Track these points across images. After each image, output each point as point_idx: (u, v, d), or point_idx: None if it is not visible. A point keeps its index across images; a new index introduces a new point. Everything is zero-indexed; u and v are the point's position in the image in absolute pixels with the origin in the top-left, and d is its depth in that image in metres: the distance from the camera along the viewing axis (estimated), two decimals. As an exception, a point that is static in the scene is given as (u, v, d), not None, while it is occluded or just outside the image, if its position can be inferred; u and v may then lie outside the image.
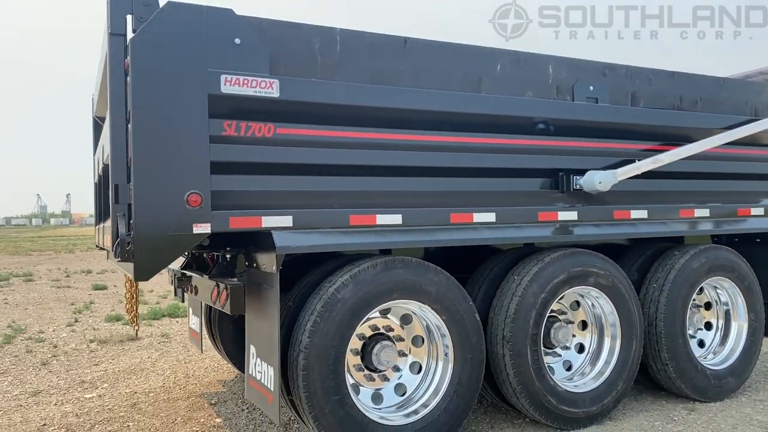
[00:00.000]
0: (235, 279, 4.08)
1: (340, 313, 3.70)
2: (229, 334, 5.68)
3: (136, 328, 4.56)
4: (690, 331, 5.36)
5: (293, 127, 3.73)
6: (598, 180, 4.52)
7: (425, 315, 4.09)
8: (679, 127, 5.01)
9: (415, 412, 4.02)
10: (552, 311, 4.78)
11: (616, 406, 4.72)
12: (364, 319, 3.84)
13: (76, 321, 9.61)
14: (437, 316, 4.04)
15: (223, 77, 3.48)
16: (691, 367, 4.98)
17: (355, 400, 3.80)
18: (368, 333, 4.12)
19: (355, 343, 4.05)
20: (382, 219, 3.93)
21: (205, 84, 3.44)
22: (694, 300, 5.40)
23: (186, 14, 3.42)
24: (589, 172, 4.58)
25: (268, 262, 3.68)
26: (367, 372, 4.10)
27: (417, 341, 4.23)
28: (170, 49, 3.37)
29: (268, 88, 3.60)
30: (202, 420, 4.84)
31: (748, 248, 5.84)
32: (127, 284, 4.45)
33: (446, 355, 4.11)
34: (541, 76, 4.57)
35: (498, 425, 4.62)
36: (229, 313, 3.85)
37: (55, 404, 5.32)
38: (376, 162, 3.93)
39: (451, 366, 4.09)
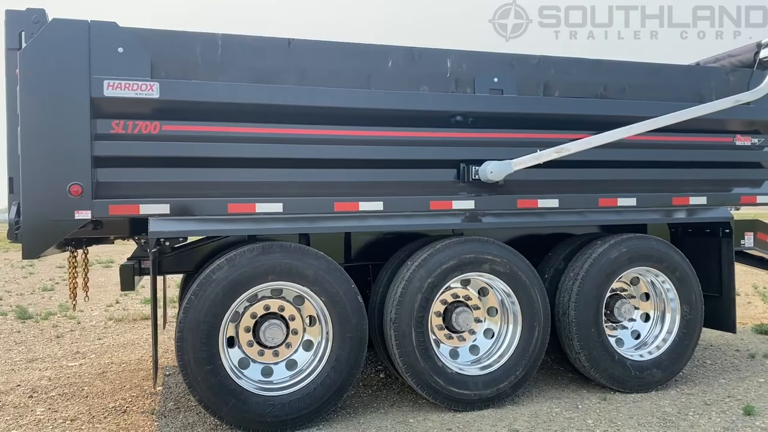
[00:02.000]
0: (130, 260, 4.59)
1: (214, 292, 4.11)
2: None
3: (74, 303, 5.17)
4: (623, 322, 5.34)
5: (178, 124, 4.18)
6: (490, 170, 4.63)
7: (312, 296, 4.41)
8: (590, 116, 5.00)
9: (295, 384, 4.36)
10: (458, 297, 4.94)
11: (516, 391, 4.81)
12: (241, 298, 4.22)
13: (117, 302, 10.61)
14: (317, 297, 4.35)
15: (105, 82, 3.97)
16: (605, 356, 4.96)
17: (229, 371, 4.19)
18: (261, 312, 4.48)
19: (246, 321, 4.44)
20: (262, 207, 4.29)
21: (88, 89, 3.94)
22: (625, 291, 5.37)
23: (70, 29, 3.94)
24: (485, 162, 4.70)
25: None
26: (259, 348, 4.47)
27: (312, 321, 4.55)
28: (55, 60, 3.90)
29: (149, 90, 4.05)
30: (146, 387, 5.41)
31: (696, 239, 5.70)
32: (69, 261, 5.05)
33: (327, 333, 4.41)
34: (438, 70, 4.73)
35: (400, 404, 4.86)
36: (120, 289, 4.36)
37: (40, 370, 6.09)
38: (256, 155, 4.29)
39: (330, 344, 4.39)
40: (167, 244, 4.74)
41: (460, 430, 4.31)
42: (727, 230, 5.42)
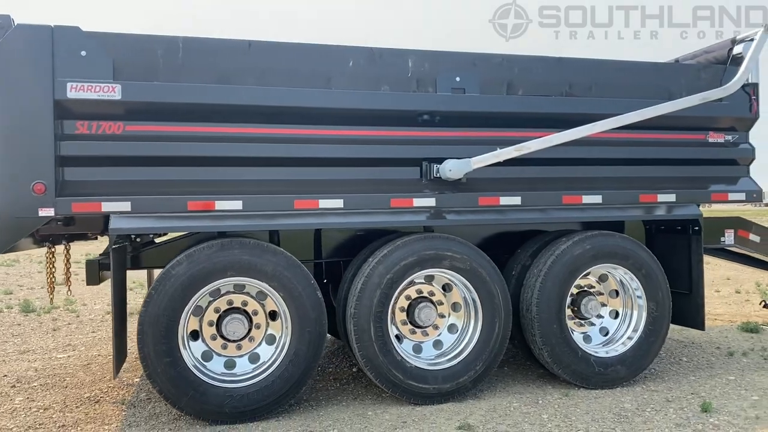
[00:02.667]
0: (98, 256, 4.76)
1: (173, 287, 4.26)
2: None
3: (51, 297, 5.35)
4: (591, 318, 5.37)
5: (141, 124, 4.33)
6: (449, 168, 4.71)
7: (272, 292, 4.53)
8: (552, 114, 5.04)
9: (255, 377, 4.49)
10: (422, 292, 5.01)
11: (477, 385, 4.88)
12: (200, 293, 4.35)
13: (120, 296, 10.86)
14: (276, 292, 4.48)
15: (69, 85, 4.13)
16: (568, 352, 5.01)
17: (189, 363, 4.33)
18: (224, 307, 4.61)
19: (210, 316, 4.57)
20: (221, 205, 4.42)
21: (52, 91, 4.11)
22: (593, 287, 5.40)
23: (34, 34, 4.10)
24: (446, 160, 4.77)
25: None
26: (222, 341, 4.60)
27: (274, 316, 4.67)
28: (19, 63, 4.07)
29: (111, 92, 4.21)
30: (125, 379, 5.60)
31: (668, 236, 5.72)
32: (47, 255, 5.23)
33: (287, 328, 4.53)
34: (399, 70, 4.81)
35: (363, 397, 4.96)
36: (86, 283, 4.53)
37: (29, 361, 6.32)
38: (217, 153, 4.42)
39: (289, 338, 4.51)
40: (138, 240, 4.92)
41: (414, 423, 4.40)
42: (696, 227, 5.42)
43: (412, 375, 4.69)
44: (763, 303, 7.63)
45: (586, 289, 5.38)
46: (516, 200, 4.99)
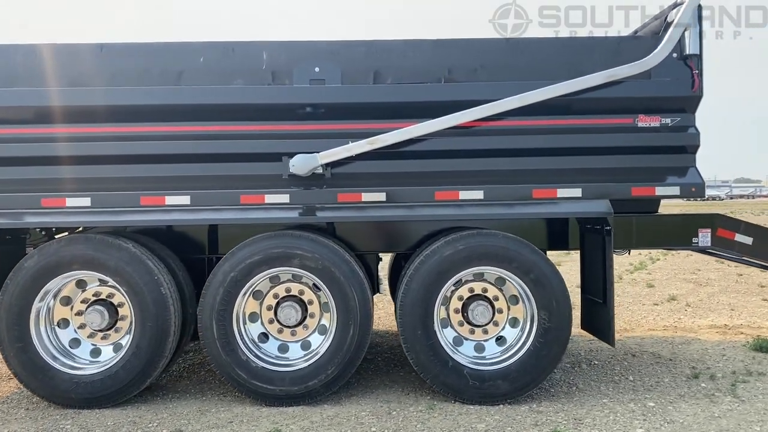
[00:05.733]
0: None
1: (24, 279, 4.58)
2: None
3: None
4: (487, 326, 4.86)
5: (6, 127, 4.68)
6: (292, 164, 4.53)
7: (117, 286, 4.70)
8: (418, 102, 4.63)
9: (104, 366, 4.69)
10: (290, 291, 4.86)
11: (330, 390, 4.66)
12: (51, 284, 4.62)
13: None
14: (120, 287, 4.64)
15: (-66, 93, 4.60)
16: (436, 362, 4.60)
17: (40, 349, 4.63)
18: (92, 298, 4.85)
19: (78, 306, 4.84)
20: (72, 202, 4.66)
21: None
22: (485, 291, 4.87)
23: None
24: (296, 156, 4.59)
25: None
26: (90, 330, 4.85)
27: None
28: None
29: (-27, 99, 4.61)
30: (64, 359, 6.10)
31: (591, 237, 5.02)
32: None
33: (131, 321, 4.68)
34: (254, 63, 4.69)
35: (227, 395, 4.95)
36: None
37: None
38: (66, 152, 4.66)
39: (132, 330, 4.65)
40: (43, 233, 5.34)
41: (238, 424, 4.33)
42: (607, 227, 4.67)
43: (257, 375, 4.60)
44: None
45: (479, 293, 4.86)
46: (380, 196, 4.67)
